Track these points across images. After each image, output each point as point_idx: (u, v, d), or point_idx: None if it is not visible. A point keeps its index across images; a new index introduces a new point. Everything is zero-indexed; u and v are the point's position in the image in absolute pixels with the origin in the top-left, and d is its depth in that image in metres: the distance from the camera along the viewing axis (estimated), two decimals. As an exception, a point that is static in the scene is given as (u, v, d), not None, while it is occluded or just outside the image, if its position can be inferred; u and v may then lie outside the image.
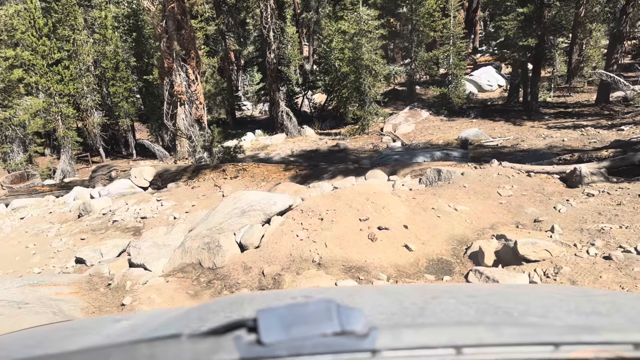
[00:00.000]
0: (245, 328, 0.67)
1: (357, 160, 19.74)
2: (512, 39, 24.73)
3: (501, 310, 0.84)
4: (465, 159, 15.80)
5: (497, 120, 24.81)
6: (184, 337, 0.71)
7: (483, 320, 0.78)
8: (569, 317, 0.81)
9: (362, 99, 24.86)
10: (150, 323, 1.02)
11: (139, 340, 0.75)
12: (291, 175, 10.41)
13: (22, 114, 18.96)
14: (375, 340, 0.64)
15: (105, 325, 1.19)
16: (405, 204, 6.32)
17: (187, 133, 15.39)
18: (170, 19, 13.76)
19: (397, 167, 9.05)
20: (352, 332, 0.64)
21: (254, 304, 0.96)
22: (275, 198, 6.62)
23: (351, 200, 6.14)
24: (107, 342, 0.98)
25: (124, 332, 1.05)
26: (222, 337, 0.68)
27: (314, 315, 0.67)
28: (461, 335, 0.67)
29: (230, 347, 0.65)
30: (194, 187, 11.01)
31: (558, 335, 0.68)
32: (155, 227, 8.50)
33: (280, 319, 0.67)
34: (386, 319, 0.79)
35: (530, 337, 0.68)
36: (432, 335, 0.68)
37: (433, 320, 0.78)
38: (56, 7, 26.12)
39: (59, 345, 1.05)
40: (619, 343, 0.66)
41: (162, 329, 0.88)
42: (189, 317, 0.93)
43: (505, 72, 34.97)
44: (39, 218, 11.01)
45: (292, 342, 0.63)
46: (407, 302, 0.90)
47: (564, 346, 0.65)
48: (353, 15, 23.78)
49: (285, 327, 0.65)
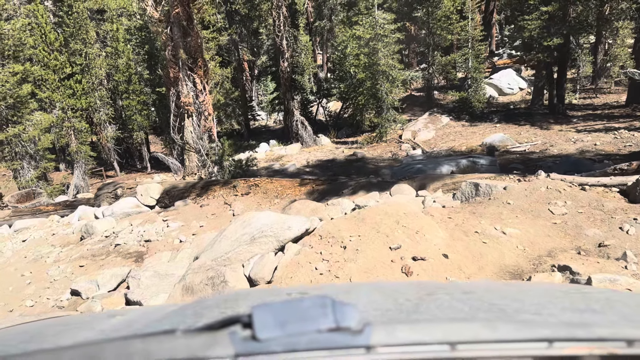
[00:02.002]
0: (241, 324, 0.67)
1: (376, 170, 18.86)
2: (536, 39, 23.63)
3: (496, 307, 0.83)
4: (493, 166, 14.82)
5: (522, 124, 23.73)
6: (179, 332, 0.71)
7: (477, 317, 0.77)
8: (563, 314, 0.81)
9: (379, 105, 24.00)
10: (145, 319, 1.00)
11: (134, 336, 0.75)
12: (307, 191, 9.54)
13: (32, 129, 18.50)
14: (370, 337, 0.64)
15: (99, 321, 1.18)
16: (442, 226, 5.39)
17: (196, 146, 14.59)
18: (175, 25, 13.04)
19: (426, 180, 8.10)
20: (347, 328, 0.64)
21: (249, 300, 0.96)
22: (289, 221, 5.76)
23: (378, 223, 5.24)
24: (101, 337, 0.96)
25: (119, 327, 1.02)
26: (217, 332, 0.68)
27: (309, 311, 0.67)
28: (455, 331, 0.67)
29: (225, 343, 0.65)
30: (202, 206, 10.20)
31: (552, 332, 0.67)
32: (159, 252, 7.71)
33: (276, 315, 0.67)
34: (381, 315, 0.78)
35: (524, 333, 0.67)
36: (426, 332, 0.67)
37: (427, 317, 0.78)
38: (68, 21, 25.91)
39: (54, 340, 1.03)
40: (612, 340, 0.66)
41: (157, 325, 0.87)
42: (184, 312, 0.92)
43: (526, 75, 33.92)
44: (41, 240, 10.35)
45: (287, 338, 0.63)
46: (401, 299, 0.89)
47: (557, 342, 0.65)
48: (368, 20, 23.00)
49: (280, 323, 0.65)
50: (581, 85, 28.69)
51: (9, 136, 17.85)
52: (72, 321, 1.35)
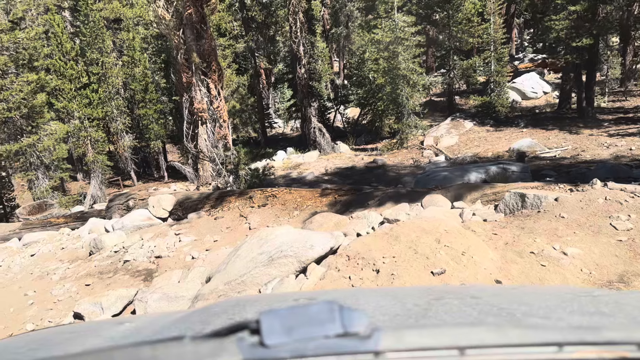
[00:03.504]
0: (248, 330, 0.67)
1: (397, 178, 18.10)
2: (564, 39, 22.64)
3: (504, 311, 0.82)
4: (525, 173, 13.96)
5: (550, 129, 22.72)
6: (186, 339, 0.71)
7: (486, 321, 0.77)
8: (572, 317, 0.80)
9: (400, 111, 23.24)
10: (153, 326, 1.01)
11: (142, 343, 0.75)
12: (329, 202, 8.83)
13: (46, 139, 18.24)
14: (378, 342, 0.64)
15: (108, 328, 1.18)
16: (489, 245, 4.65)
17: (210, 155, 13.96)
18: (188, 27, 12.47)
19: (462, 190, 7.33)
20: (355, 333, 0.64)
21: (256, 306, 0.96)
22: (312, 239, 5.08)
23: (415, 242, 4.52)
24: (110, 344, 0.96)
25: (127, 334, 1.03)
26: (224, 339, 0.67)
27: (317, 317, 0.67)
28: (464, 336, 0.67)
29: (233, 349, 0.65)
30: (217, 218, 9.58)
31: (561, 336, 0.67)
32: (170, 271, 7.10)
33: (283, 320, 0.66)
34: (389, 320, 0.78)
35: (533, 337, 0.67)
36: (435, 337, 0.67)
37: (436, 322, 0.77)
38: (84, 31, 25.87)
39: (62, 347, 1.02)
40: (622, 343, 0.65)
41: (165, 332, 0.87)
42: (192, 319, 0.92)
43: (550, 78, 32.89)
44: (50, 255, 9.87)
45: (294, 344, 0.63)
46: (410, 304, 0.89)
47: (567, 346, 0.64)
48: (388, 23, 22.33)
49: (288, 329, 0.65)
50: (610, 87, 27.52)
51: (23, 146, 17.62)
52: (81, 329, 1.33)
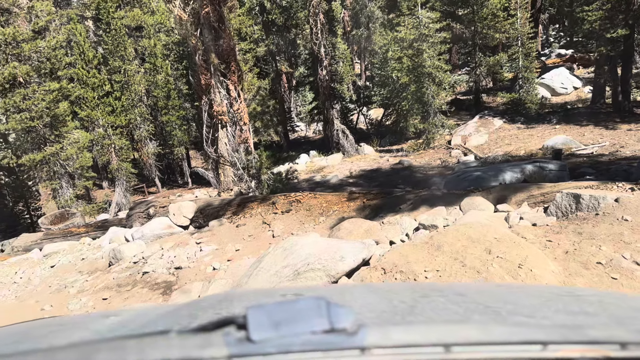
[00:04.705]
0: (235, 325, 0.67)
1: (425, 179, 17.41)
2: (598, 31, 21.56)
3: (490, 309, 0.83)
4: (563, 172, 13.12)
5: (585, 124, 21.66)
6: (173, 333, 0.71)
7: (472, 319, 0.77)
8: (556, 316, 0.81)
9: (425, 110, 22.54)
10: (140, 319, 1.00)
11: (128, 336, 0.75)
12: (357, 207, 8.27)
13: (69, 148, 18.23)
14: (365, 338, 0.64)
15: (94, 321, 1.17)
16: (547, 254, 4.04)
17: (231, 159, 13.51)
18: (205, 27, 12.07)
19: (505, 191, 6.67)
20: (342, 329, 0.64)
21: (244, 301, 0.96)
22: (342, 249, 4.56)
23: (462, 252, 3.95)
24: (96, 337, 0.94)
25: (113, 328, 1.01)
26: (211, 333, 0.67)
27: (304, 312, 0.67)
28: (450, 333, 0.67)
29: (219, 344, 0.64)
30: (239, 225, 9.13)
31: (545, 334, 0.67)
32: (189, 283, 6.68)
33: (270, 316, 0.66)
34: (376, 317, 0.78)
35: (518, 335, 0.67)
36: (421, 334, 0.67)
37: (422, 319, 0.77)
38: (106, 39, 26.05)
39: (47, 340, 1.01)
40: (605, 342, 0.66)
41: (151, 325, 0.86)
42: (179, 313, 0.91)
43: (579, 73, 31.64)
44: (70, 266, 9.61)
45: (281, 339, 0.63)
46: (396, 301, 0.89)
47: (551, 345, 0.65)
48: (411, 20, 21.68)
49: (275, 324, 0.65)
50: (646, 80, 26.20)
51: (47, 155, 17.63)
52: (66, 322, 1.32)
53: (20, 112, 17.09)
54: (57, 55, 18.46)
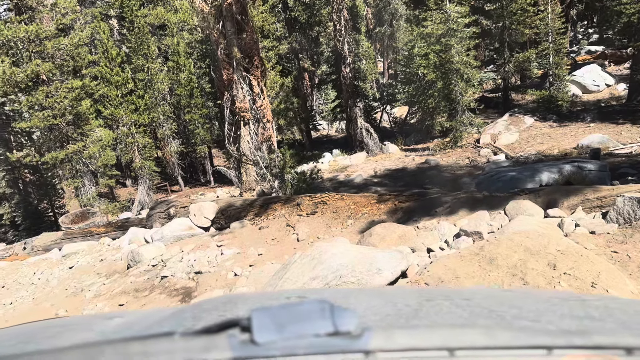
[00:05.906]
0: (239, 327, 0.67)
1: (454, 179, 16.74)
2: (636, 24, 20.49)
3: (495, 313, 0.82)
4: (603, 172, 12.29)
5: (621, 123, 20.61)
6: (177, 335, 0.70)
7: (476, 323, 0.76)
8: (561, 321, 0.80)
9: (453, 107, 21.79)
10: (144, 321, 0.99)
11: (132, 338, 0.75)
12: (388, 210, 7.72)
13: (92, 146, 18.15)
14: (369, 341, 0.64)
15: (98, 323, 1.16)
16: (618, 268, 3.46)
17: (254, 158, 13.05)
18: (228, 19, 11.60)
19: (556, 195, 6.02)
20: (346, 332, 0.64)
21: (248, 303, 0.94)
22: (378, 261, 4.05)
23: (520, 267, 3.40)
24: (100, 338, 0.94)
25: (117, 329, 1.01)
26: (215, 335, 0.67)
27: (308, 315, 0.67)
28: (454, 337, 0.67)
29: (223, 346, 0.64)
30: (261, 228, 8.69)
31: (550, 339, 0.67)
32: (210, 290, 6.28)
33: (274, 318, 0.66)
34: (380, 320, 0.77)
35: (523, 340, 0.67)
36: (425, 337, 0.67)
37: (427, 323, 0.77)
38: (130, 37, 26.06)
39: (52, 341, 1.01)
40: (610, 347, 0.65)
41: (155, 327, 0.85)
42: (183, 315, 0.90)
43: (610, 70, 30.35)
44: (88, 267, 9.35)
45: (285, 342, 0.63)
46: (401, 304, 0.89)
47: (556, 350, 0.64)
48: (439, 15, 20.95)
49: (279, 327, 0.65)
50: (686, 76, 24.86)
51: (69, 153, 17.57)
52: (71, 322, 1.31)
53: (44, 110, 17.09)
54: (80, 53, 18.38)
